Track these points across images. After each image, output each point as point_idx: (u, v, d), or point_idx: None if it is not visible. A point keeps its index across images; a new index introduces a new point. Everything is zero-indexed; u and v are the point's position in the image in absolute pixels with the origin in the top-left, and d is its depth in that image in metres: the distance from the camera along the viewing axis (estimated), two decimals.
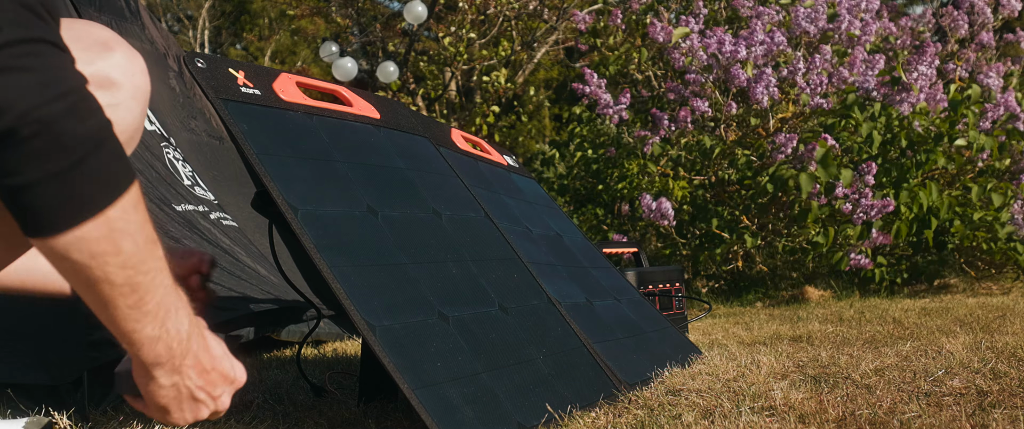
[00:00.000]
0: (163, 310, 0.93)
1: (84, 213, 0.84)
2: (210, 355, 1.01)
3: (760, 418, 1.23)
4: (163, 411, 1.02)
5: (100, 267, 0.87)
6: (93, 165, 0.84)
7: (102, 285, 0.89)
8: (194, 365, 0.99)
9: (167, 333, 0.95)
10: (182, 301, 0.97)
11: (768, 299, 4.18)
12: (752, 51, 4.20)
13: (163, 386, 0.99)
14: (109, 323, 0.93)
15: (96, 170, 0.84)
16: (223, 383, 1.03)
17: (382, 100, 1.70)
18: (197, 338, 0.99)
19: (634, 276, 2.43)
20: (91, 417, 1.56)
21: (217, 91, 1.25)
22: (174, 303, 0.95)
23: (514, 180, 2.08)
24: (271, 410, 1.52)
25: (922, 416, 1.19)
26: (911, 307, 3.17)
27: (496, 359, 1.28)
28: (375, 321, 1.15)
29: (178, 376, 0.99)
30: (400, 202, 1.44)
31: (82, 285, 0.90)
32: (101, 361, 1.66)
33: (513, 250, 1.63)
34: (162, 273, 0.92)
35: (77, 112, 0.83)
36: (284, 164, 1.26)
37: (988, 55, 5.21)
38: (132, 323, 0.92)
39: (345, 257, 1.20)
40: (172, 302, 0.94)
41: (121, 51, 0.97)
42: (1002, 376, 1.49)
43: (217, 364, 1.01)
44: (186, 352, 0.97)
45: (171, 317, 0.94)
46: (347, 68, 8.10)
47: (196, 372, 1.00)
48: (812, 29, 4.41)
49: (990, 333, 2.14)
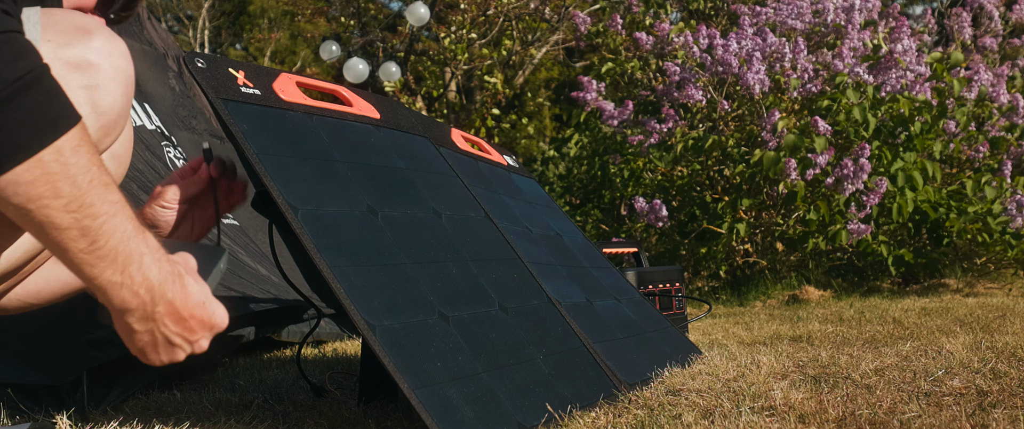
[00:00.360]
0: (123, 256, 0.92)
1: (14, 156, 0.83)
2: (187, 302, 1.00)
3: (760, 418, 1.23)
4: (141, 353, 1.02)
5: (40, 210, 0.86)
6: (20, 107, 0.83)
7: (48, 229, 0.88)
8: (169, 313, 0.99)
9: (131, 279, 0.94)
10: (151, 247, 0.96)
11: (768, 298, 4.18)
12: (743, 45, 4.22)
13: (137, 331, 0.99)
14: (71, 270, 0.93)
15: (24, 112, 0.83)
16: (202, 329, 1.03)
17: (382, 100, 1.70)
18: (171, 285, 0.98)
19: (634, 276, 2.43)
20: (91, 417, 1.56)
21: (217, 91, 1.25)
22: (138, 249, 0.94)
23: (514, 180, 2.08)
24: (271, 410, 1.52)
25: (922, 416, 1.19)
26: (911, 307, 3.17)
27: (496, 359, 1.28)
28: (375, 321, 1.15)
29: (152, 323, 0.99)
30: (400, 202, 1.44)
31: (32, 231, 0.89)
32: (101, 361, 1.66)
33: (513, 250, 1.63)
34: (118, 218, 0.91)
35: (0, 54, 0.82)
36: (284, 164, 1.26)
37: (992, 58, 5.22)
38: (89, 268, 0.91)
39: (345, 257, 1.20)
40: (135, 248, 0.93)
41: (101, 35, 0.97)
42: (1002, 376, 1.49)
43: (195, 311, 1.01)
44: (157, 300, 0.97)
45: (133, 263, 0.94)
46: (358, 70, 8.10)
47: (172, 320, 1.00)
48: (799, 25, 4.42)
49: (990, 333, 2.14)
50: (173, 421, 1.43)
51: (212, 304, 1.04)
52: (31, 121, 0.83)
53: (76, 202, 0.87)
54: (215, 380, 1.96)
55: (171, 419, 1.45)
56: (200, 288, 1.03)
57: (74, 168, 0.87)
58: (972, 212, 4.02)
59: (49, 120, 0.85)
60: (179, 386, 1.84)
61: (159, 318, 0.98)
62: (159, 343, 1.01)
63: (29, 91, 0.84)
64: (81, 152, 0.88)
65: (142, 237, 0.95)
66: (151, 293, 0.96)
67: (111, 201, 0.91)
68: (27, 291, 1.21)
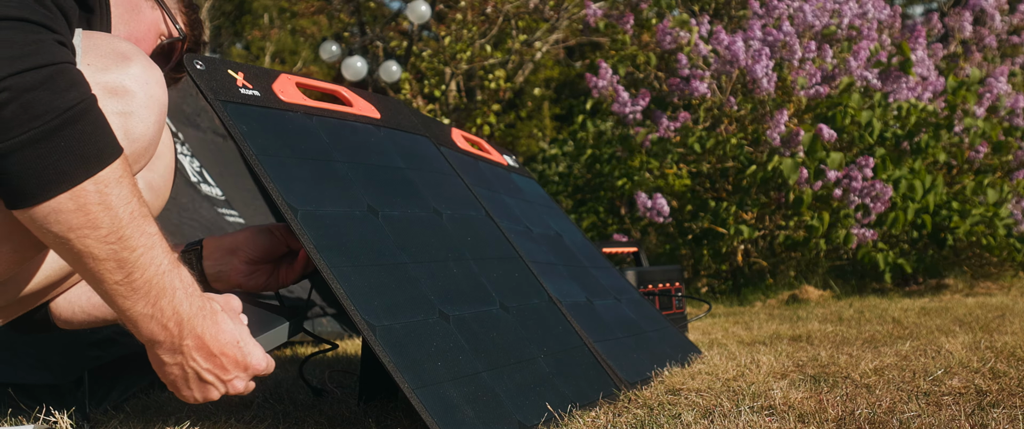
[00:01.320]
0: (156, 289, 0.94)
1: (58, 185, 0.85)
2: (218, 339, 1.01)
3: (760, 417, 1.23)
4: (173, 387, 1.05)
5: (80, 240, 0.88)
6: (68, 137, 0.85)
7: (86, 259, 0.89)
8: (198, 347, 1.00)
9: (161, 313, 0.95)
10: (184, 282, 0.98)
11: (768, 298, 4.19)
12: (751, 44, 4.21)
13: (167, 363, 1.01)
14: (103, 298, 0.94)
15: (72, 142, 0.85)
16: (235, 368, 1.04)
17: (383, 99, 1.70)
18: (202, 320, 1.00)
19: (634, 276, 2.43)
20: (92, 417, 1.56)
21: (215, 93, 1.25)
22: (171, 284, 0.96)
23: (514, 180, 2.08)
24: (271, 409, 1.53)
25: (921, 416, 1.19)
26: (910, 307, 3.17)
27: (497, 358, 1.28)
28: (375, 321, 1.15)
29: (180, 356, 1.00)
30: (401, 201, 1.44)
31: (70, 259, 0.91)
32: (103, 361, 1.67)
33: (514, 249, 1.63)
34: (153, 251, 0.93)
35: (52, 84, 0.84)
36: (284, 164, 1.26)
37: (991, 57, 5.22)
38: (122, 300, 0.93)
39: (345, 257, 1.21)
40: (168, 282, 0.95)
41: (139, 62, 0.98)
42: (1001, 376, 1.49)
43: (227, 349, 1.02)
44: (186, 334, 0.98)
45: (165, 297, 0.95)
46: (357, 67, 8.11)
47: (201, 355, 1.01)
48: (817, 24, 4.41)
49: (989, 333, 2.15)
50: (174, 420, 1.43)
51: (248, 344, 1.05)
52: (77, 151, 0.85)
53: (115, 234, 0.89)
54: None
55: (172, 418, 1.45)
56: (237, 328, 1.04)
57: (115, 200, 0.88)
58: (977, 214, 4.02)
59: (95, 151, 0.87)
60: None
61: (187, 352, 1.00)
62: (190, 378, 1.02)
63: (78, 122, 0.86)
64: (123, 184, 0.90)
65: (177, 271, 0.97)
66: (180, 326, 0.98)
67: (148, 233, 0.92)
68: (92, 303, 1.22)
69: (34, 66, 0.83)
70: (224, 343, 1.02)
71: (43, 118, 0.83)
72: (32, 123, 0.82)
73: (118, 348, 1.70)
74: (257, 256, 1.33)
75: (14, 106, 0.82)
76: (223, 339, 1.02)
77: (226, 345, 1.02)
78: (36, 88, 0.83)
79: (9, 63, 0.82)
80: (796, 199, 4.03)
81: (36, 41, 0.84)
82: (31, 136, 0.83)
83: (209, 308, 1.02)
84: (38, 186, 0.85)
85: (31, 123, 0.82)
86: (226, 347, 1.02)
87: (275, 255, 1.35)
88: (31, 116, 0.82)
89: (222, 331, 1.02)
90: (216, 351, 1.01)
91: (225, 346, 1.02)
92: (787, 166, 3.93)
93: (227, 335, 1.03)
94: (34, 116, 0.83)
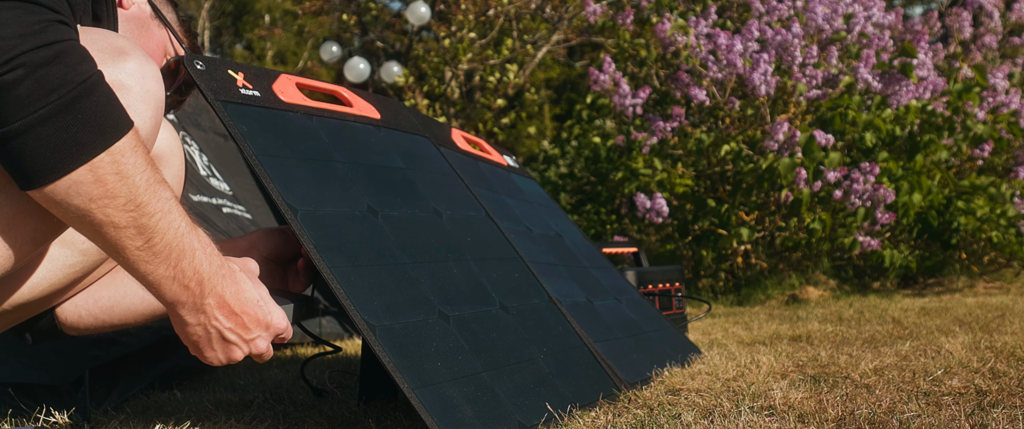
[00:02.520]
0: (176, 251, 0.96)
1: (78, 157, 0.87)
2: (240, 298, 1.03)
3: (759, 418, 1.23)
4: (197, 348, 1.06)
5: (100, 210, 0.90)
6: (83, 109, 0.86)
7: (106, 228, 0.91)
8: (219, 305, 1.02)
9: (182, 273, 0.98)
10: (202, 243, 1.00)
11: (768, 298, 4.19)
12: (748, 46, 4.20)
13: (189, 324, 1.02)
14: (125, 267, 0.96)
15: (87, 114, 0.87)
16: (257, 327, 1.05)
17: (382, 100, 1.70)
18: (222, 280, 1.02)
19: (634, 276, 2.43)
20: (92, 417, 1.56)
21: (216, 93, 1.25)
22: (190, 245, 0.98)
23: (514, 180, 2.08)
24: (271, 409, 1.53)
25: (921, 416, 1.19)
26: (910, 307, 3.17)
27: (497, 358, 1.28)
28: (375, 321, 1.15)
29: (203, 315, 1.02)
30: (400, 202, 1.44)
31: (89, 231, 0.93)
32: (103, 360, 1.67)
33: (514, 249, 1.63)
34: (171, 215, 0.95)
35: (64, 58, 0.86)
36: (284, 165, 1.26)
37: (991, 57, 5.22)
38: (144, 265, 0.95)
39: (345, 258, 1.21)
40: (187, 244, 0.97)
41: (135, 57, 0.99)
42: (1001, 376, 1.49)
43: (247, 307, 1.04)
44: (207, 292, 1.00)
45: (186, 258, 0.97)
46: (359, 69, 8.12)
47: (223, 313, 1.02)
48: (827, 28, 4.39)
49: (989, 333, 2.15)
50: (174, 421, 1.43)
51: (268, 304, 1.07)
52: (94, 122, 0.87)
53: (133, 202, 0.91)
54: (215, 380, 1.97)
55: (172, 419, 1.45)
56: (255, 287, 1.06)
57: (131, 168, 0.90)
58: (983, 212, 4.02)
59: (111, 121, 0.89)
60: (180, 386, 1.85)
61: (209, 311, 1.01)
62: (213, 338, 1.04)
63: (93, 93, 0.87)
64: (137, 153, 0.92)
65: (194, 233, 0.99)
66: (201, 285, 0.99)
67: (164, 198, 0.94)
68: (100, 307, 1.23)
69: (45, 43, 0.85)
70: (245, 301, 1.04)
71: (59, 90, 0.85)
72: (49, 97, 0.84)
73: (118, 348, 1.71)
74: (269, 254, 1.34)
75: (29, 82, 0.83)
76: (244, 296, 1.04)
77: (247, 303, 1.04)
78: (49, 63, 0.85)
79: (21, 41, 0.83)
80: (795, 200, 4.03)
81: (43, 20, 0.86)
82: (49, 110, 0.84)
83: (228, 268, 1.03)
84: (58, 160, 0.86)
85: (48, 97, 0.84)
86: (247, 305, 1.04)
87: (286, 255, 1.36)
88: (47, 90, 0.84)
89: (242, 289, 1.04)
90: (237, 309, 1.03)
91: (246, 304, 1.04)
92: (783, 165, 3.93)
93: (248, 293, 1.04)
94: (50, 90, 0.84)
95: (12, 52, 0.82)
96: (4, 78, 0.82)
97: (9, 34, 0.83)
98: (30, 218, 0.95)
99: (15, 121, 0.83)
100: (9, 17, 0.84)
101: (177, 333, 1.05)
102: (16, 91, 0.83)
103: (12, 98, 0.83)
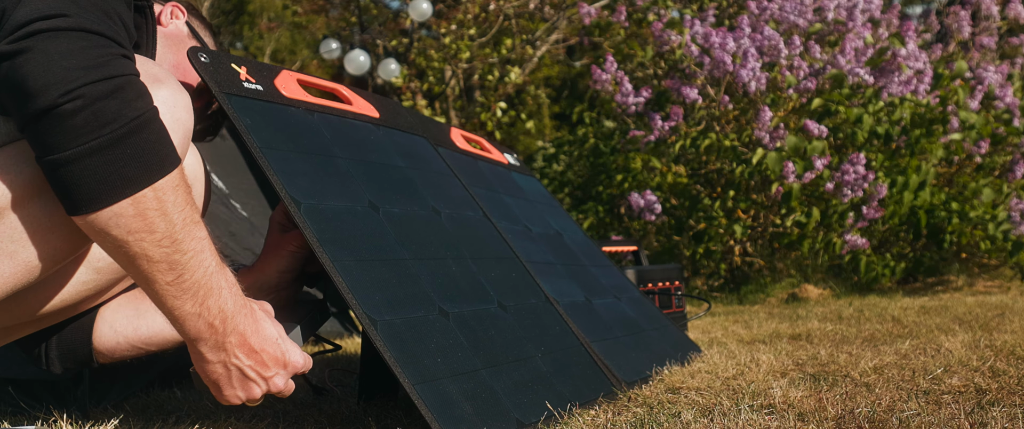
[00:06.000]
0: (204, 289, 0.99)
1: (122, 190, 0.90)
2: (260, 336, 1.06)
3: (759, 416, 1.23)
4: (215, 387, 1.08)
5: (136, 243, 0.93)
6: (133, 144, 0.90)
7: (140, 260, 0.94)
8: (240, 344, 1.04)
9: (207, 311, 1.00)
10: (228, 282, 1.03)
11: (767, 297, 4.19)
12: (741, 44, 4.20)
13: (210, 362, 1.05)
14: (152, 298, 0.99)
15: (136, 150, 0.90)
16: (275, 365, 1.08)
17: (381, 99, 1.70)
18: (243, 319, 1.04)
19: (633, 274, 2.43)
20: (92, 415, 1.56)
21: (221, 86, 1.26)
22: (218, 284, 1.01)
23: (514, 178, 2.08)
24: (271, 408, 1.53)
25: (921, 414, 1.20)
26: (910, 305, 3.18)
27: (495, 356, 1.28)
28: (377, 316, 1.15)
29: (223, 353, 1.04)
30: (401, 199, 1.44)
31: (123, 261, 0.96)
32: None
33: (511, 249, 1.63)
34: (202, 254, 0.98)
35: (122, 94, 0.90)
36: (286, 158, 1.26)
37: (989, 57, 5.22)
38: (172, 300, 0.98)
39: (347, 251, 1.21)
40: (215, 283, 1.00)
41: (169, 86, 1.03)
42: (1001, 374, 1.49)
43: (267, 346, 1.06)
44: (229, 330, 1.02)
45: (212, 297, 1.00)
46: (359, 61, 8.12)
47: (243, 352, 1.05)
48: (801, 22, 4.41)
49: (989, 331, 2.15)
50: (174, 419, 1.43)
51: (286, 342, 1.10)
52: (141, 158, 0.91)
53: (170, 238, 0.94)
54: None
55: (172, 417, 1.45)
56: (274, 326, 1.09)
57: (171, 206, 0.94)
58: (974, 217, 4.02)
59: (157, 159, 0.93)
60: (180, 384, 1.84)
61: (230, 348, 1.04)
62: (233, 376, 1.06)
63: (144, 130, 0.91)
64: (178, 191, 0.95)
65: (222, 273, 1.02)
66: (224, 323, 1.02)
67: (199, 238, 0.98)
68: (140, 336, 1.24)
69: (106, 77, 0.89)
70: (264, 339, 1.06)
71: (112, 124, 0.88)
72: (102, 130, 0.88)
73: None
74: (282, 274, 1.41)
75: (86, 113, 0.87)
76: (263, 334, 1.06)
77: (266, 341, 1.06)
78: (107, 97, 0.88)
79: (84, 73, 0.87)
80: (785, 193, 4.04)
81: (108, 54, 0.90)
82: (99, 143, 0.88)
83: (249, 306, 1.06)
84: (103, 191, 0.89)
85: (101, 130, 0.88)
86: (266, 343, 1.06)
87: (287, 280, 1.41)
88: (102, 123, 0.88)
89: (262, 327, 1.06)
90: (257, 347, 1.05)
91: (265, 342, 1.06)
92: (771, 159, 3.95)
93: (267, 331, 1.07)
94: (104, 123, 0.88)
95: (74, 83, 0.86)
96: (64, 107, 0.86)
97: (74, 65, 0.87)
98: (52, 235, 0.98)
99: (67, 149, 0.87)
100: (76, 48, 0.88)
101: (196, 371, 1.07)
102: (72, 121, 0.86)
103: (68, 127, 0.86)
